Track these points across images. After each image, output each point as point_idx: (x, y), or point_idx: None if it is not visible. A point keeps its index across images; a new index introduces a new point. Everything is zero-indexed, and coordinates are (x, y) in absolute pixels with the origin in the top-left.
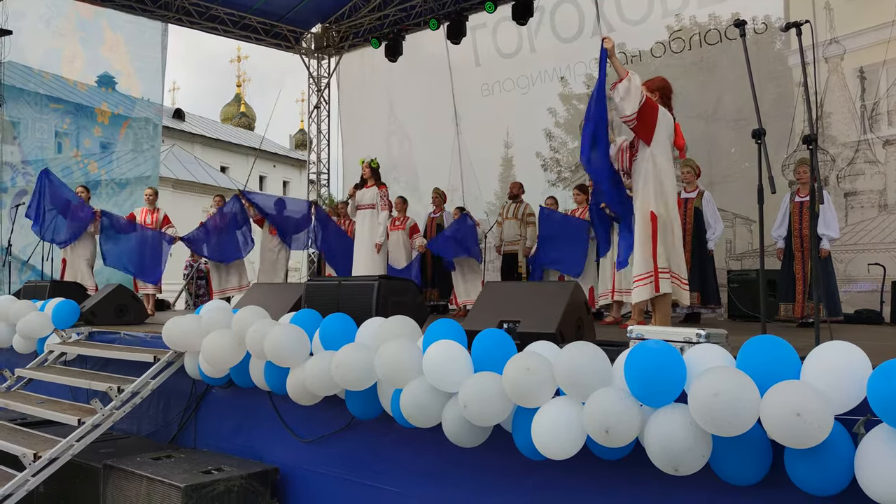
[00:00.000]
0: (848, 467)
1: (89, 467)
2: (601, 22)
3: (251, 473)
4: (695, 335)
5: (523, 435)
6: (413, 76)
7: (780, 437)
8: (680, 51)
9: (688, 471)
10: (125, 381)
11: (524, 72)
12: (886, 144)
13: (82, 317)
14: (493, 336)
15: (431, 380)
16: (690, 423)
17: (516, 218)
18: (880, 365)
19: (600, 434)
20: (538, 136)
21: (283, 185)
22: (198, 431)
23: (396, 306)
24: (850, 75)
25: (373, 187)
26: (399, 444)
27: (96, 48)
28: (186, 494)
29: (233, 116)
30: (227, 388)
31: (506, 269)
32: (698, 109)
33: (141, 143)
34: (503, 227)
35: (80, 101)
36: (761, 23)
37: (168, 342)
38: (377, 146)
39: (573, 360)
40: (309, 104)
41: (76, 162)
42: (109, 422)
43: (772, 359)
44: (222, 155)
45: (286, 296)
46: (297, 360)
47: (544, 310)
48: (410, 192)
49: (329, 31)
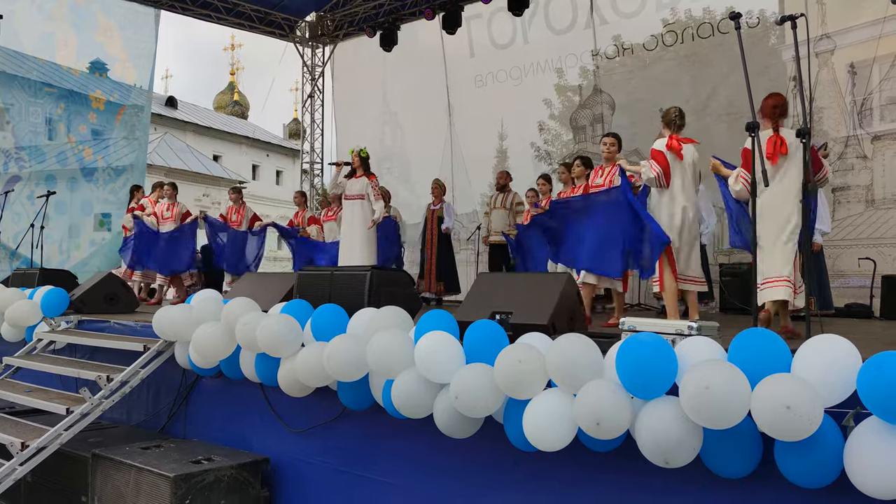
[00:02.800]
0: (837, 460)
1: (78, 456)
2: (595, 14)
3: (241, 463)
4: (686, 328)
5: (515, 426)
6: (407, 66)
7: (770, 430)
8: (672, 44)
9: (678, 463)
10: (114, 370)
11: (517, 63)
12: (875, 140)
13: (71, 305)
14: (485, 327)
15: (423, 371)
16: (681, 416)
17: (505, 208)
18: (870, 358)
19: (591, 426)
20: (532, 128)
21: (277, 174)
22: (188, 421)
23: (389, 297)
24: (841, 71)
25: (362, 177)
26: (390, 435)
27: (90, 33)
28: (176, 484)
29: (226, 105)
30: (218, 378)
31: (493, 259)
32: (691, 103)
33: (134, 131)
34: (491, 217)
35: (72, 86)
36: (755, 17)
37: (158, 331)
38: (370, 136)
39: (565, 351)
40: (303, 93)
41: (70, 148)
42: (98, 411)
43: (763, 352)
44: (215, 143)
45: (277, 286)
46: (288, 350)
47: (537, 301)
48: (403, 183)
49: (324, 20)
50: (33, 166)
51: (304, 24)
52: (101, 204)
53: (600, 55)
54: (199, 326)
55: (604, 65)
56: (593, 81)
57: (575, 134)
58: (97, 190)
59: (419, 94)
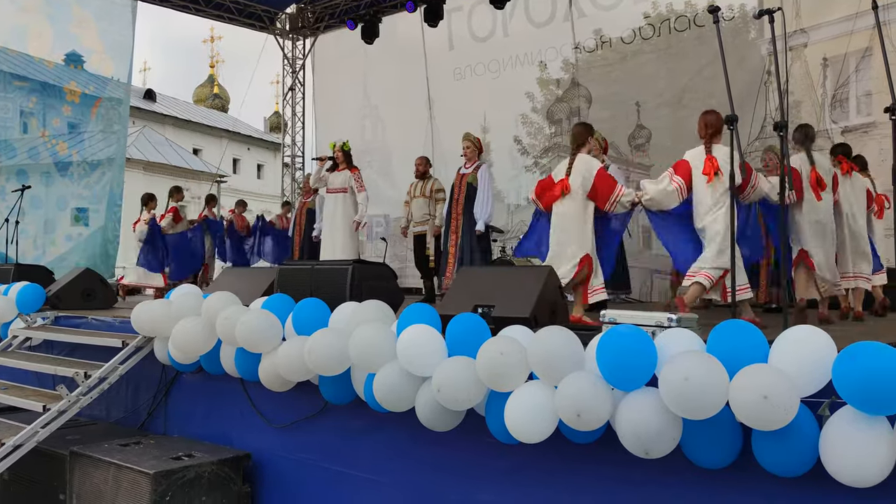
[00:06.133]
0: (813, 449)
1: (55, 454)
2: (573, 7)
3: (222, 459)
4: (666, 320)
5: (496, 419)
6: (387, 59)
7: (747, 420)
8: (649, 37)
9: (658, 454)
10: (92, 366)
11: (496, 56)
12: (845, 133)
13: (48, 301)
14: (467, 320)
15: (405, 364)
16: (661, 407)
17: (424, 196)
18: (844, 348)
19: (572, 418)
20: (515, 122)
21: (258, 168)
22: (168, 417)
23: (371, 290)
24: (815, 65)
25: (345, 171)
26: (372, 429)
27: (65, 24)
28: (156, 481)
29: (206, 98)
30: (198, 374)
31: (418, 251)
32: (666, 96)
33: (112, 124)
34: (411, 206)
35: (46, 79)
36: (736, 11)
37: (137, 327)
38: (351, 129)
39: (546, 344)
40: (283, 86)
41: (43, 142)
42: (76, 408)
43: (740, 343)
44: (195, 137)
45: (258, 281)
46: (269, 345)
47: (519, 295)
48: (383, 177)
49: (304, 12)
50: (3, 161)
51: (284, 17)
52: (77, 199)
53: (580, 48)
54: (179, 321)
55: (584, 58)
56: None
57: (552, 127)
58: (72, 185)
59: (400, 87)
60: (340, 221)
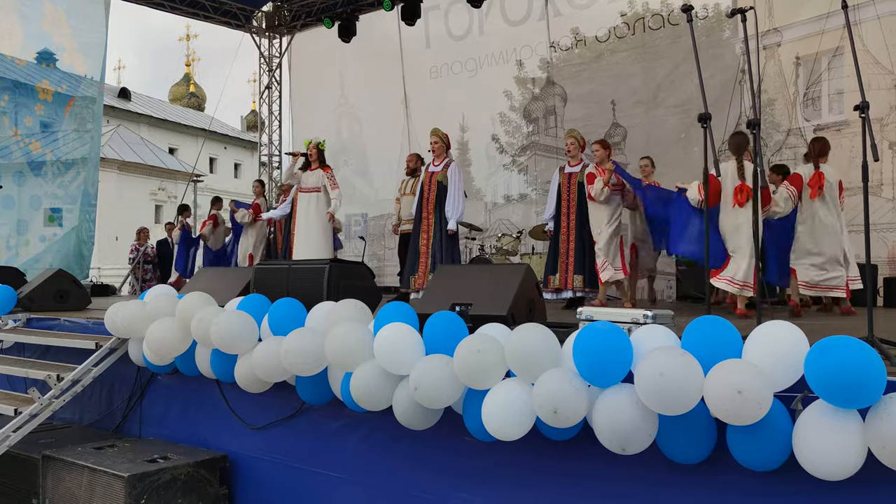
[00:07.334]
0: (786, 443)
1: (27, 458)
2: (549, 6)
3: (198, 461)
4: (642, 316)
5: (474, 417)
6: (364, 57)
7: (722, 415)
8: (624, 36)
9: (635, 450)
10: (65, 368)
11: (472, 55)
12: (817, 130)
13: (19, 303)
14: (444, 319)
15: (382, 362)
16: (637, 403)
17: (415, 193)
18: (816, 343)
19: (549, 415)
20: (492, 120)
21: (235, 167)
22: (143, 419)
23: (348, 290)
24: (788, 63)
25: (317, 170)
26: (349, 429)
27: (36, 22)
28: (130, 484)
29: (182, 97)
30: (173, 375)
31: (403, 249)
32: (641, 94)
33: (85, 123)
34: (401, 204)
35: (17, 77)
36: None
37: (111, 328)
38: (327, 128)
39: (523, 341)
40: (260, 84)
41: (16, 141)
42: (48, 411)
43: (715, 339)
44: (171, 136)
45: (234, 281)
46: (244, 346)
47: (496, 293)
48: (360, 176)
49: (280, 10)
50: None
51: (260, 15)
52: (51, 199)
53: (556, 47)
54: (154, 322)
55: (560, 57)
56: (548, 73)
57: (529, 126)
58: (46, 184)
59: (376, 85)
60: (314, 220)
